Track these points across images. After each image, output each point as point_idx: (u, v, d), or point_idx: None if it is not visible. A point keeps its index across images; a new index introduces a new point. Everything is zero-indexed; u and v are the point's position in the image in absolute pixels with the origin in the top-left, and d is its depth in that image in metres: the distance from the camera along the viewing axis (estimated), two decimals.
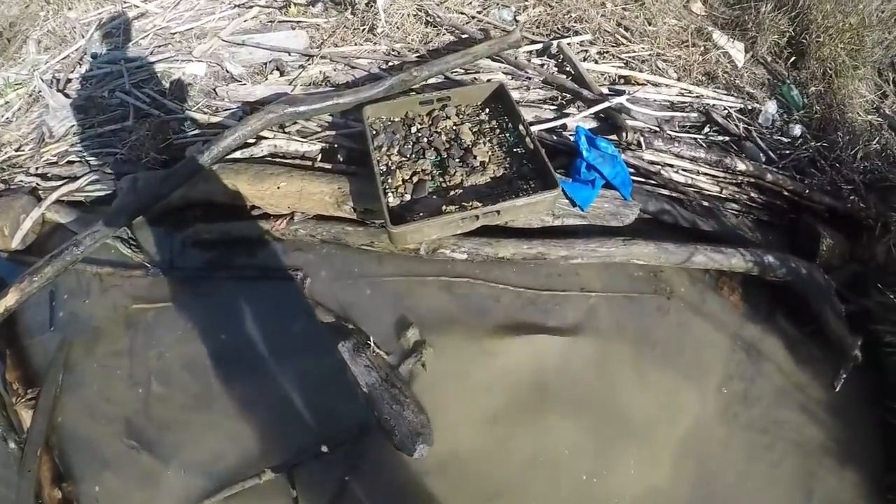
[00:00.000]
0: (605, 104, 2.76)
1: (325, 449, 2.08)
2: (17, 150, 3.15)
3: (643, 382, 2.28)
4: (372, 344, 2.22)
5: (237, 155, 2.59)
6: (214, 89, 2.92)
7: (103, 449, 2.19)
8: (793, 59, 3.49)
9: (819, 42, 3.38)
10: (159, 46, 3.28)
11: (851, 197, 2.81)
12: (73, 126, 3.12)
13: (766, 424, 2.26)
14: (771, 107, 3.16)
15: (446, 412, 2.14)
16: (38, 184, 2.96)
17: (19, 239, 2.77)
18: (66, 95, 3.27)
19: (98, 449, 2.19)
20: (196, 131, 2.78)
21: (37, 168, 3.03)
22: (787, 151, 3.00)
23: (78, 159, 3.02)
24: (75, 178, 2.90)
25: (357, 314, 2.36)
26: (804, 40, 3.45)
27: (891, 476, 2.19)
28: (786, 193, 2.83)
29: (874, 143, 3.03)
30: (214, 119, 2.77)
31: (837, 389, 2.29)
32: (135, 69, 3.19)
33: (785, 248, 2.66)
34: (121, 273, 2.61)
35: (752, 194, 2.85)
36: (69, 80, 3.37)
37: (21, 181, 3.00)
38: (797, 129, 3.10)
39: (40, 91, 3.27)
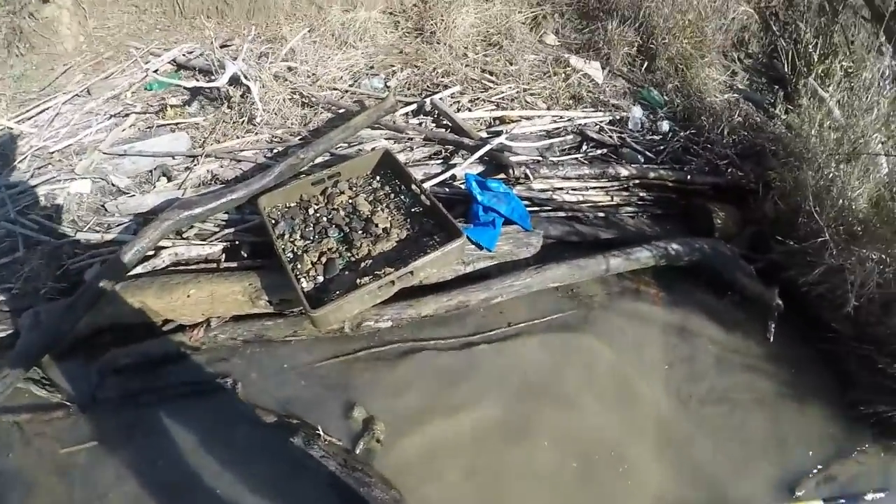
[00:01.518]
0: (487, 147, 2.77)
1: None
2: None
3: (595, 395, 2.23)
4: (321, 433, 2.04)
5: (139, 270, 2.36)
6: (103, 205, 2.68)
7: None
8: (646, 64, 3.66)
9: (665, 43, 3.56)
10: (39, 168, 2.96)
11: (730, 170, 2.93)
12: None
13: (720, 395, 2.30)
14: (637, 112, 3.25)
15: (418, 479, 1.99)
16: None
17: None
18: None
19: None
20: (91, 252, 2.42)
21: None
22: (662, 147, 3.10)
23: None
24: None
25: (298, 407, 2.17)
26: (652, 45, 3.64)
27: (849, 394, 2.27)
28: (670, 185, 2.90)
29: (736, 116, 3.18)
30: (108, 236, 2.52)
31: (771, 339, 2.38)
32: (17, 195, 2.83)
33: (685, 233, 2.74)
34: (40, 417, 2.24)
35: (642, 194, 2.92)
36: None
37: None
38: (665, 125, 3.20)
39: None
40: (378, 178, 2.58)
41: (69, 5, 3.90)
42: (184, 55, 3.53)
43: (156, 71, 3.26)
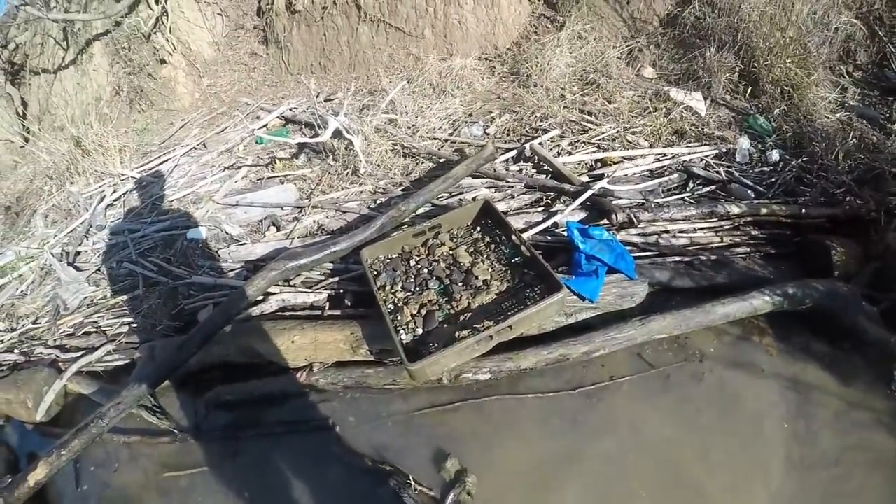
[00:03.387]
0: (588, 193, 2.77)
1: None
2: (33, 323, 3.11)
3: (700, 456, 2.15)
4: (412, 482, 2.12)
5: (248, 313, 2.51)
6: (217, 252, 2.94)
7: None
8: (749, 89, 3.51)
9: (768, 65, 3.42)
10: (159, 215, 3.28)
11: (847, 199, 2.72)
12: (86, 298, 3.10)
13: (836, 456, 2.11)
14: (744, 142, 3.13)
15: None
16: (57, 355, 2.89)
17: (43, 411, 2.71)
18: (77, 268, 3.29)
19: None
20: (205, 295, 2.71)
21: (55, 340, 2.98)
22: (773, 179, 2.95)
23: (94, 330, 2.96)
24: (93, 349, 2.84)
25: (392, 454, 2.25)
26: (754, 69, 3.50)
27: None
28: (784, 220, 2.74)
29: (850, 139, 2.96)
30: (221, 281, 2.75)
31: (895, 389, 2.19)
32: (139, 238, 3.19)
33: (800, 273, 2.57)
34: (148, 441, 2.53)
35: (753, 232, 2.78)
36: (78, 253, 3.39)
37: (41, 353, 2.94)
38: (775, 154, 3.06)
39: (51, 265, 3.28)
40: (479, 228, 2.66)
41: (184, 66, 4.48)
42: (290, 110, 3.89)
43: (264, 127, 3.68)
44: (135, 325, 2.82)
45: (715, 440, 2.18)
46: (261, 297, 2.55)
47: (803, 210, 2.71)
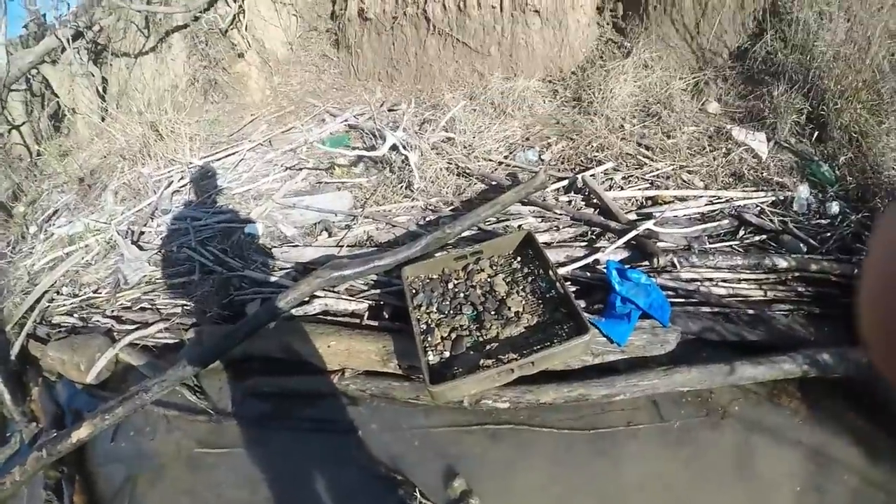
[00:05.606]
0: (633, 233, 2.87)
1: None
2: (95, 292, 3.59)
3: None
4: (419, 494, 2.37)
5: (291, 312, 2.87)
6: (270, 249, 3.30)
7: None
8: (816, 133, 3.44)
9: (838, 109, 3.34)
10: (221, 206, 3.69)
11: None
12: (145, 276, 3.54)
13: None
14: (803, 191, 3.08)
15: None
16: (113, 325, 3.35)
17: (94, 375, 3.14)
18: (140, 247, 3.74)
19: None
20: (255, 289, 3.08)
21: (112, 311, 3.43)
22: (829, 233, 2.90)
23: (149, 307, 3.40)
24: (147, 325, 3.27)
25: (406, 465, 2.52)
26: (823, 111, 3.43)
27: None
28: (834, 279, 2.71)
29: None
30: (272, 278, 3.13)
31: None
32: (200, 227, 3.59)
33: (843, 337, 2.54)
34: (186, 417, 2.93)
35: (800, 289, 2.75)
36: (142, 233, 3.86)
37: (97, 321, 3.41)
38: (835, 207, 3.00)
39: (116, 240, 3.75)
40: (519, 258, 2.85)
41: (258, 63, 4.96)
42: (355, 117, 4.24)
43: (328, 133, 4.08)
44: (187, 308, 3.22)
45: (724, 500, 2.29)
46: (305, 299, 2.89)
47: (856, 271, 2.65)
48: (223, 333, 2.82)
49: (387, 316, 2.86)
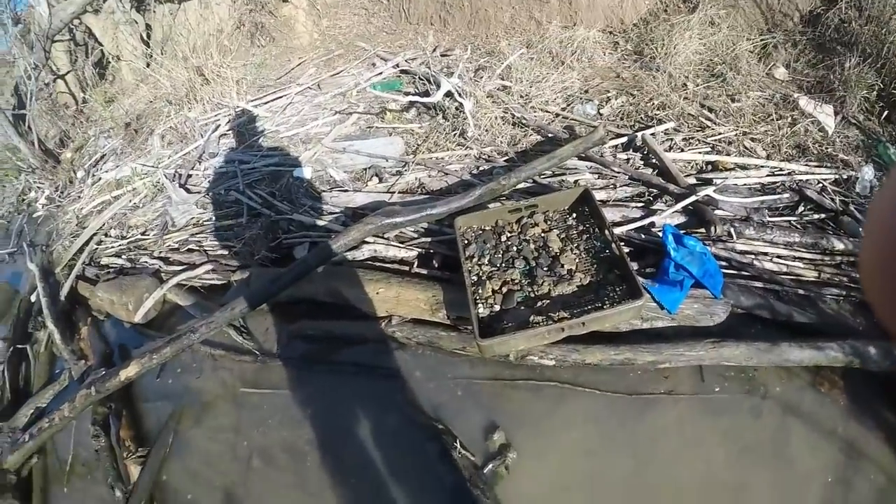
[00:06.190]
0: (692, 198, 2.81)
1: None
2: (142, 234, 3.72)
3: (736, 490, 2.28)
4: (458, 444, 2.43)
5: (340, 257, 2.90)
6: (319, 194, 3.33)
7: None
8: (886, 113, 3.33)
9: None
10: (269, 149, 3.72)
11: None
12: (192, 218, 3.64)
13: None
14: (868, 172, 2.99)
15: None
16: (160, 267, 3.47)
17: (142, 314, 3.27)
18: (187, 190, 3.82)
19: None
20: (303, 233, 3.12)
21: (160, 252, 3.56)
22: None
23: (197, 248, 3.50)
24: (194, 266, 3.38)
25: (447, 414, 2.57)
26: (895, 90, 3.30)
27: None
28: None
29: None
30: (320, 222, 3.16)
31: None
32: (248, 170, 3.64)
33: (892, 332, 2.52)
34: (232, 356, 3.02)
35: (854, 275, 2.70)
36: (189, 176, 3.93)
37: (146, 262, 3.53)
38: None
39: (164, 184, 3.84)
40: (574, 215, 2.80)
41: (305, 6, 4.91)
42: (406, 61, 4.18)
43: (380, 75, 4.04)
44: (235, 250, 3.29)
45: (754, 480, 2.29)
46: (355, 245, 2.91)
47: None
48: (271, 276, 2.87)
49: (436, 265, 2.87)
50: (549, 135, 3.41)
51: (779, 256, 2.78)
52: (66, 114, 5.64)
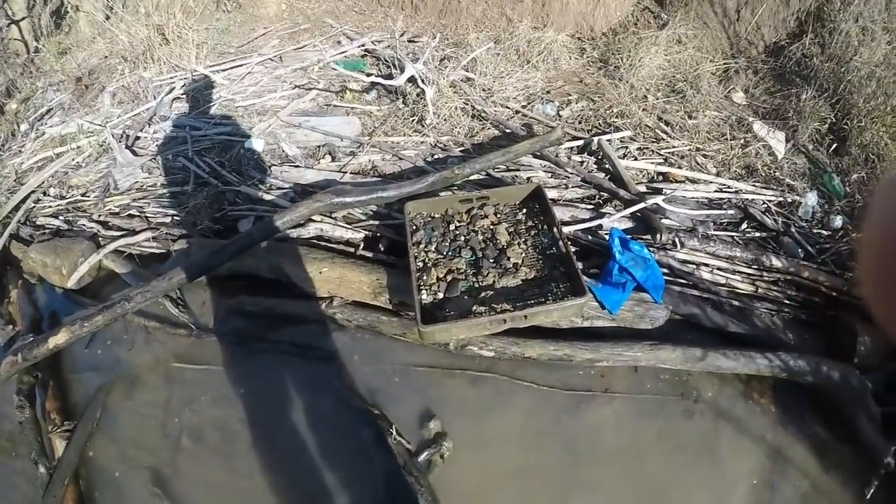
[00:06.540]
0: (641, 205, 2.89)
1: None
2: (83, 195, 3.53)
3: (664, 487, 2.38)
4: (394, 431, 2.43)
5: (285, 234, 2.85)
6: (270, 167, 3.24)
7: (128, 490, 2.44)
8: (834, 146, 3.50)
9: (861, 127, 3.40)
10: (223, 118, 3.62)
11: None
12: (136, 182, 3.49)
13: None
14: (811, 198, 3.15)
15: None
16: (98, 231, 3.32)
17: (75, 279, 3.12)
18: (134, 152, 3.66)
19: (123, 489, 2.45)
20: (250, 206, 3.05)
21: (99, 216, 3.40)
22: (828, 245, 2.98)
23: (138, 214, 3.36)
24: (134, 232, 3.25)
25: (383, 400, 2.57)
26: (846, 126, 3.48)
27: None
28: (823, 290, 2.81)
29: None
30: (268, 196, 3.08)
31: (867, 498, 2.31)
32: (199, 137, 3.53)
33: (821, 348, 2.68)
34: (166, 329, 2.93)
35: (789, 292, 2.85)
36: (137, 138, 3.77)
37: (83, 225, 3.37)
38: (838, 221, 3.08)
39: (110, 144, 3.65)
40: (525, 210, 2.83)
41: None
42: (372, 42, 4.12)
43: (342, 54, 3.98)
44: (177, 219, 3.18)
45: (683, 479, 2.40)
46: (301, 222, 2.85)
47: (846, 287, 2.77)
48: (213, 248, 2.80)
49: (382, 249, 2.84)
50: (507, 130, 3.43)
51: (719, 268, 2.89)
52: (15, 62, 5.33)
